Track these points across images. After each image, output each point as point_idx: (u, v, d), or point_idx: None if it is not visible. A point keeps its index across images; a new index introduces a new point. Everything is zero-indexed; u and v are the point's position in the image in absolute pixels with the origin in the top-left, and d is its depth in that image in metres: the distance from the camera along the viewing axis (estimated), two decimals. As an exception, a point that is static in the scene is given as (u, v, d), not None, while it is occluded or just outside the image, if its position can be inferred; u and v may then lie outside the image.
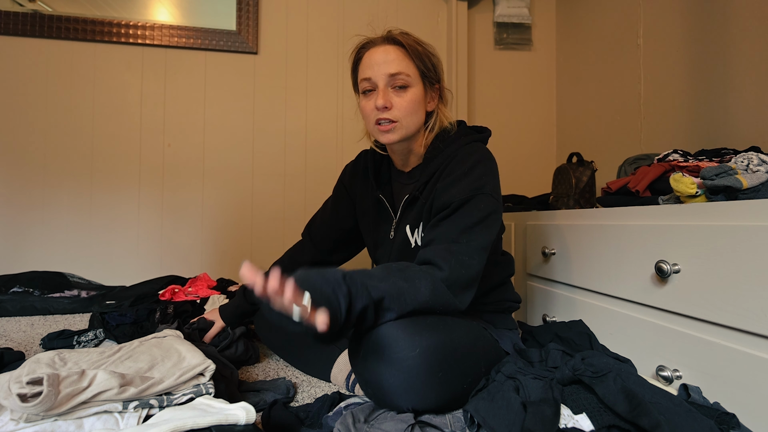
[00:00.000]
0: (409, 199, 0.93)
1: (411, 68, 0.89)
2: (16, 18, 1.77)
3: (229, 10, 1.96)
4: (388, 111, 0.88)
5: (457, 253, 0.78)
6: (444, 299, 0.76)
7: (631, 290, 0.94)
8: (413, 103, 0.89)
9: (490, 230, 0.83)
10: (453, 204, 0.82)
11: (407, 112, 0.88)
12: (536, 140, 2.27)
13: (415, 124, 0.90)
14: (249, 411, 0.62)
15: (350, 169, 1.11)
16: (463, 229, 0.80)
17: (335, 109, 2.07)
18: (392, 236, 0.97)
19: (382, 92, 0.87)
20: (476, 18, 2.23)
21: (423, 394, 0.69)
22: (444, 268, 0.76)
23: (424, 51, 0.91)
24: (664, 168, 1.04)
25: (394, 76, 0.87)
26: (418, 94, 0.89)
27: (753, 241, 0.70)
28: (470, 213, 0.81)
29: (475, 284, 0.81)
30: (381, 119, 0.88)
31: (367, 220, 1.05)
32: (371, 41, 0.92)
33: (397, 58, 0.88)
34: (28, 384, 0.60)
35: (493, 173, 0.88)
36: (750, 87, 1.29)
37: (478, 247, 0.80)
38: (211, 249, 1.95)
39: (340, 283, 0.67)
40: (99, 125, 1.86)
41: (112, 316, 1.24)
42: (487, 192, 0.84)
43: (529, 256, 1.38)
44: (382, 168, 1.04)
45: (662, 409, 0.61)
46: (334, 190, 1.14)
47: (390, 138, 0.89)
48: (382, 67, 0.87)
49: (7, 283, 1.63)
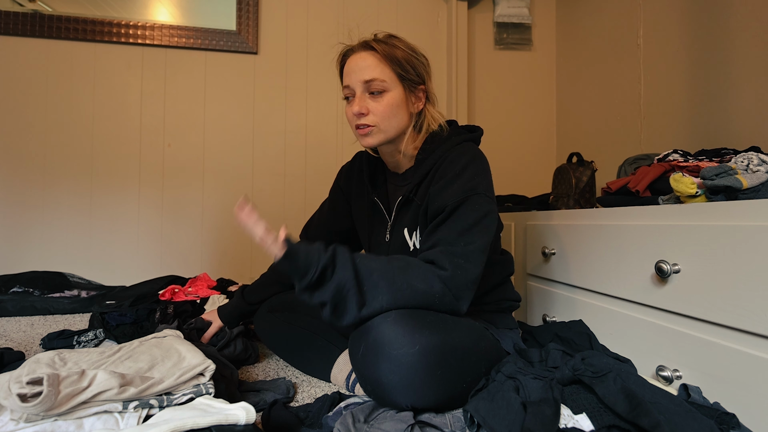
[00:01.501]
0: (402, 201, 0.94)
1: (386, 73, 0.89)
2: (16, 18, 1.77)
3: (229, 10, 1.96)
4: (365, 117, 0.90)
5: (456, 257, 0.78)
6: (442, 297, 0.76)
7: (631, 290, 0.94)
8: (390, 107, 0.89)
9: (487, 231, 0.83)
10: (448, 207, 0.82)
11: (384, 116, 0.90)
12: (536, 140, 2.27)
13: (395, 127, 0.91)
14: (249, 411, 0.62)
15: (346, 170, 1.11)
16: (460, 232, 0.80)
17: (335, 109, 2.07)
18: (388, 239, 0.97)
19: (358, 99, 0.90)
20: (476, 18, 2.23)
21: (421, 391, 0.70)
22: (447, 267, 0.77)
23: (403, 54, 0.90)
24: (664, 168, 1.04)
25: (369, 82, 0.89)
26: (397, 97, 0.90)
27: (753, 241, 0.70)
28: (466, 215, 0.82)
29: (474, 288, 0.81)
30: (359, 124, 0.90)
31: (362, 222, 1.05)
32: (351, 48, 0.93)
33: (371, 64, 0.89)
34: (28, 384, 0.60)
35: (485, 173, 0.88)
36: (750, 87, 1.29)
37: (477, 250, 0.80)
38: (211, 249, 1.95)
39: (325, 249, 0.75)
40: (99, 125, 1.86)
41: (112, 316, 1.24)
42: (480, 192, 0.84)
43: (529, 256, 1.38)
44: (377, 170, 1.04)
45: (662, 409, 0.61)
46: (331, 191, 1.14)
47: (368, 141, 0.91)
48: (358, 74, 0.89)
49: (7, 283, 1.63)
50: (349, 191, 1.09)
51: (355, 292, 0.73)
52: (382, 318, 0.73)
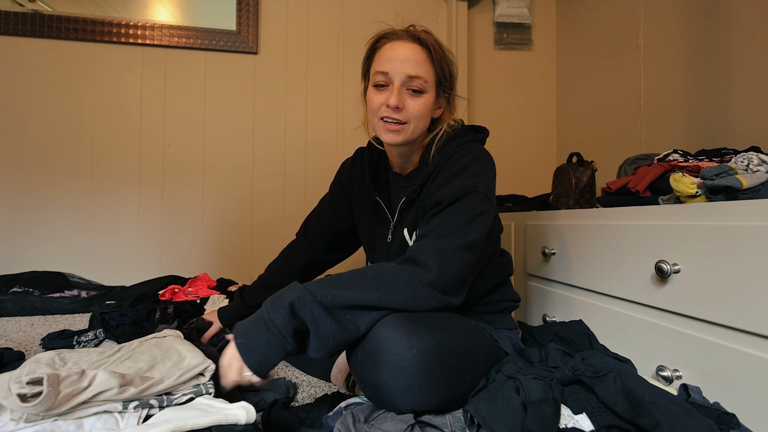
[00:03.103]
0: (406, 202, 0.92)
1: (430, 74, 0.86)
2: (16, 18, 1.77)
3: (229, 10, 1.96)
4: (400, 112, 0.84)
5: (444, 252, 0.75)
6: (429, 299, 0.73)
7: (631, 290, 0.94)
8: (425, 109, 0.86)
9: (481, 228, 0.80)
10: (445, 201, 0.80)
11: (418, 117, 0.85)
12: (536, 140, 2.27)
13: (420, 129, 0.88)
14: (249, 411, 0.62)
15: (348, 166, 1.08)
16: (453, 226, 0.78)
17: (335, 109, 2.07)
18: (390, 239, 0.96)
19: (397, 91, 0.83)
20: (476, 18, 2.23)
21: (422, 395, 0.69)
22: (432, 268, 0.73)
23: (444, 57, 0.87)
24: (664, 168, 1.04)
25: (413, 78, 0.83)
26: (431, 100, 0.87)
27: (753, 241, 0.70)
28: (462, 210, 0.79)
29: (466, 280, 0.79)
30: (389, 118, 0.84)
31: (363, 222, 1.04)
32: (394, 33, 0.87)
33: (420, 60, 0.84)
34: (28, 384, 0.60)
35: (488, 172, 0.85)
36: (750, 87, 1.29)
37: (467, 244, 0.77)
38: (211, 249, 1.95)
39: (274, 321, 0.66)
40: (99, 125, 1.86)
41: (112, 316, 1.24)
42: (480, 190, 0.81)
43: (528, 256, 1.38)
44: (378, 168, 1.02)
45: (662, 409, 0.61)
46: (331, 187, 1.11)
47: (394, 139, 0.86)
48: (403, 66, 0.83)
49: (7, 283, 1.63)
50: (351, 188, 1.07)
51: (341, 333, 0.68)
52: (378, 323, 0.71)
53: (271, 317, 0.66)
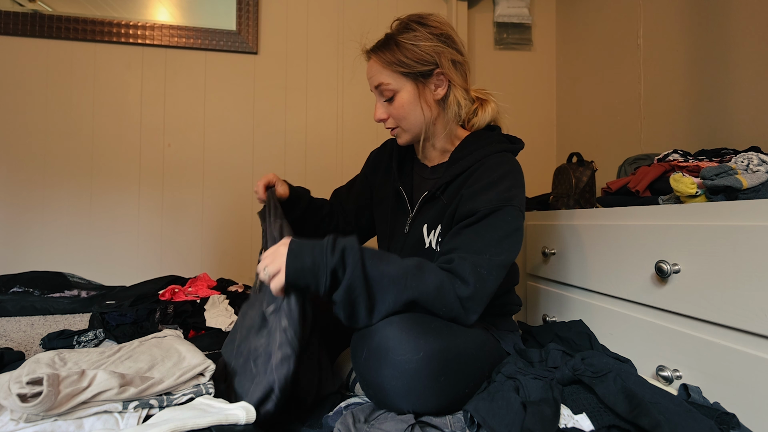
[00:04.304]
0: (427, 196, 0.92)
1: (389, 75, 0.88)
2: (16, 18, 1.77)
3: (229, 10, 1.96)
4: (386, 121, 0.93)
5: (481, 267, 0.76)
6: (452, 309, 0.75)
7: (631, 290, 0.94)
8: (402, 107, 0.90)
9: (516, 246, 0.81)
10: (479, 213, 0.80)
11: (400, 118, 0.91)
12: (536, 140, 2.27)
13: (416, 123, 0.90)
14: (249, 411, 0.62)
15: (374, 156, 1.13)
16: (489, 242, 0.78)
17: (335, 109, 2.07)
18: (407, 230, 0.96)
19: (377, 106, 0.93)
20: (476, 18, 2.23)
21: (424, 397, 0.69)
22: (470, 283, 0.74)
23: (403, 46, 0.86)
24: (664, 168, 1.04)
25: (379, 88, 0.91)
26: (407, 95, 0.89)
27: (753, 241, 0.70)
28: (497, 225, 0.79)
29: (488, 301, 0.79)
30: (387, 127, 0.95)
31: (383, 210, 1.04)
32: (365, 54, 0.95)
33: (376, 69, 0.90)
34: (28, 384, 0.60)
35: (521, 187, 0.87)
36: (750, 87, 1.29)
37: (501, 265, 0.78)
38: (211, 249, 1.95)
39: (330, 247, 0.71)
40: (99, 125, 1.86)
41: (112, 316, 1.24)
42: (515, 205, 0.82)
43: (529, 256, 1.38)
44: (406, 158, 1.04)
45: (662, 409, 0.61)
46: (359, 175, 1.15)
47: (400, 141, 0.96)
48: (371, 82, 0.92)
49: (7, 283, 1.63)
50: (374, 181, 1.10)
51: (364, 298, 0.71)
52: (386, 322, 0.71)
53: (326, 251, 0.71)
